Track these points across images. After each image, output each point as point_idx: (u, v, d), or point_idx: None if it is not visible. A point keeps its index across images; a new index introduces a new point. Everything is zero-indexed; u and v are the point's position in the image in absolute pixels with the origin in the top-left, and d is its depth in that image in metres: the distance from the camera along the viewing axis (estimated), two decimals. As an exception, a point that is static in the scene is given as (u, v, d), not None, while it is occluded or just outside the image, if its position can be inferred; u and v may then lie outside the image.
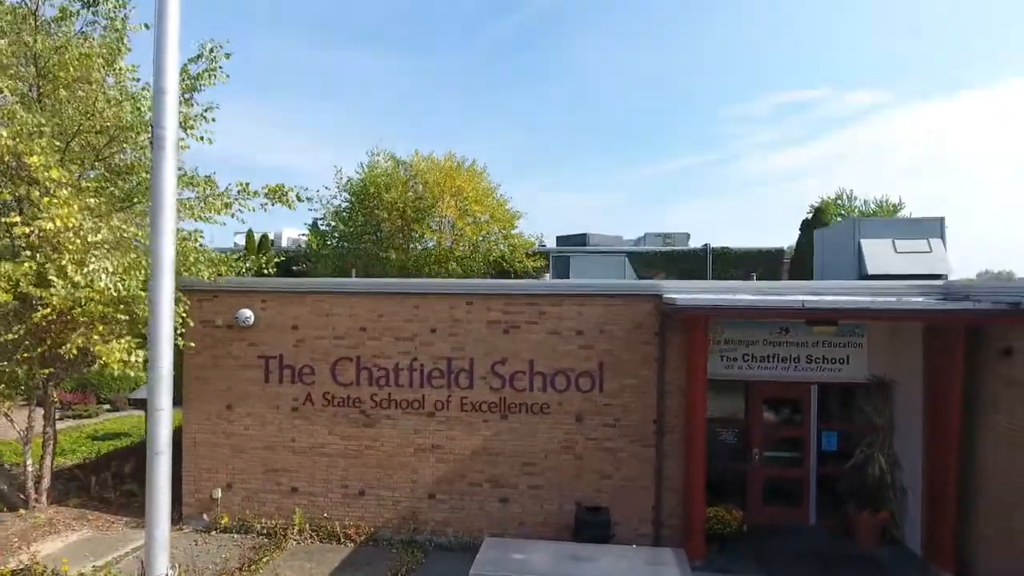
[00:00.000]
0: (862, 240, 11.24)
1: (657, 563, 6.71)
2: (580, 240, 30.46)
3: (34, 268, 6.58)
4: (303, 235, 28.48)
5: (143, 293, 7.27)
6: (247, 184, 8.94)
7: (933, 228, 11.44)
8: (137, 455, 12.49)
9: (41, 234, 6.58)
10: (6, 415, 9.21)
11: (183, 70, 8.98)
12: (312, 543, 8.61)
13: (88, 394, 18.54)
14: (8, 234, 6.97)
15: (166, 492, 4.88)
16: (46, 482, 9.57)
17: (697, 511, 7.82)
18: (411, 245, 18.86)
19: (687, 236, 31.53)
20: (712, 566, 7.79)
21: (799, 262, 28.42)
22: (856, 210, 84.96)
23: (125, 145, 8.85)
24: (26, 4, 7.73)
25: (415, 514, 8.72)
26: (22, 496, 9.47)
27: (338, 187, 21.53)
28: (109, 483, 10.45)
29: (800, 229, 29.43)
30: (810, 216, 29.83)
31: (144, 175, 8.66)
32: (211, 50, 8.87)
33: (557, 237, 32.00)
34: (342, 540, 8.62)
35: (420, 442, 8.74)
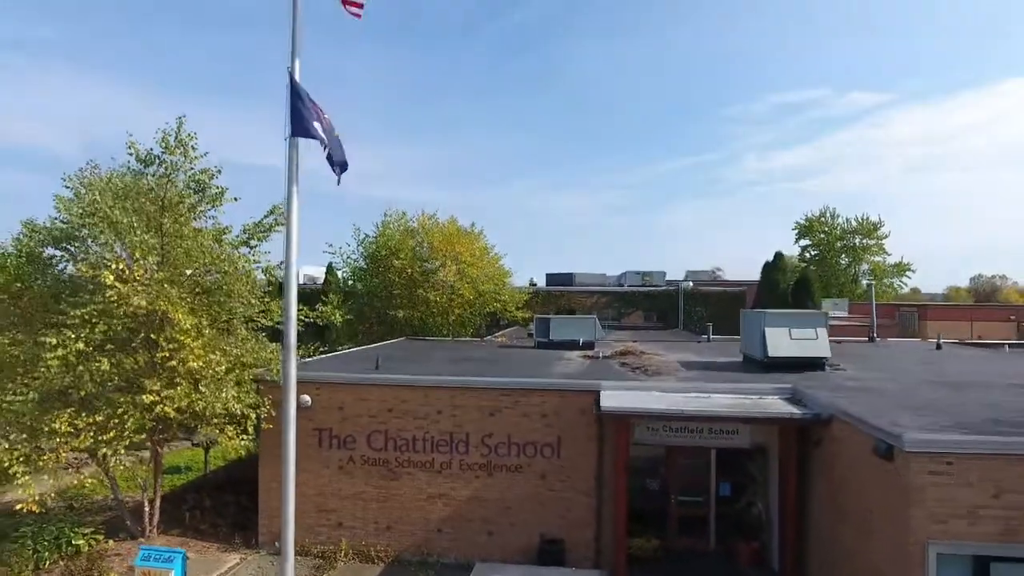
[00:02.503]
0: (766, 328, 14.69)
1: (589, 580, 10.26)
2: (567, 280, 34.05)
3: (186, 392, 10.08)
4: (319, 278, 32.02)
5: (250, 399, 10.86)
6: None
7: (818, 320, 14.85)
8: (207, 489, 16.00)
9: (185, 367, 10.09)
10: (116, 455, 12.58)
11: (259, 224, 12.51)
12: (355, 564, 12.12)
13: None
14: (155, 362, 10.45)
15: (291, 540, 8.34)
16: (156, 516, 13.07)
17: (622, 542, 11.31)
18: (416, 302, 22.36)
19: (663, 274, 35.07)
20: (633, 581, 11.28)
21: (760, 301, 31.97)
22: (838, 227, 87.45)
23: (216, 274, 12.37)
24: (158, 194, 11.21)
25: (427, 543, 12.23)
26: (139, 527, 12.96)
27: (357, 242, 25.14)
28: (198, 516, 13.97)
29: (761, 272, 33.08)
30: (770, 260, 33.44)
31: (226, 298, 12.10)
32: (282, 211, 12.36)
33: (547, 275, 35.69)
34: (375, 561, 12.13)
35: (431, 491, 12.25)
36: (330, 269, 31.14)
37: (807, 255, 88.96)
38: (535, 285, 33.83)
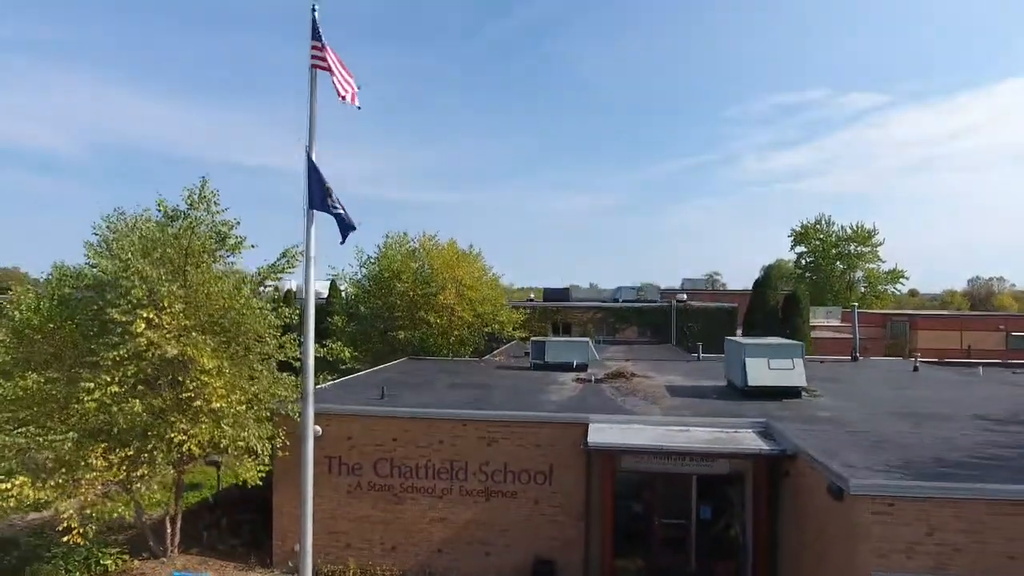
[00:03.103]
0: (746, 358, 15.71)
1: (577, 600, 11.25)
2: (564, 295, 35.10)
3: (209, 429, 11.08)
4: (323, 295, 33.03)
5: (266, 436, 11.88)
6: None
7: (795, 351, 15.84)
8: (222, 507, 16.99)
9: (209, 406, 11.09)
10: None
11: (272, 266, 13.51)
12: (362, 582, 13.11)
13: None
14: (179, 400, 11.46)
15: (310, 565, 9.30)
16: (177, 538, 14.05)
17: (609, 562, 12.32)
18: (418, 323, 23.40)
19: (657, 288, 36.11)
20: (618, 599, 12.28)
21: (751, 317, 32.96)
22: (833, 234, 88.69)
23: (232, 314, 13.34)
24: (182, 243, 12.19)
25: (429, 562, 13.23)
26: (161, 547, 13.93)
27: (359, 263, 26.22)
28: (215, 534, 14.96)
29: (752, 288, 34.01)
30: (760, 276, 34.36)
31: (244, 338, 13.08)
32: (293, 254, 13.36)
33: (544, 290, 36.71)
34: (381, 580, 13.12)
35: (432, 515, 13.25)
36: (334, 285, 32.17)
37: (803, 261, 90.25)
38: (532, 300, 34.87)
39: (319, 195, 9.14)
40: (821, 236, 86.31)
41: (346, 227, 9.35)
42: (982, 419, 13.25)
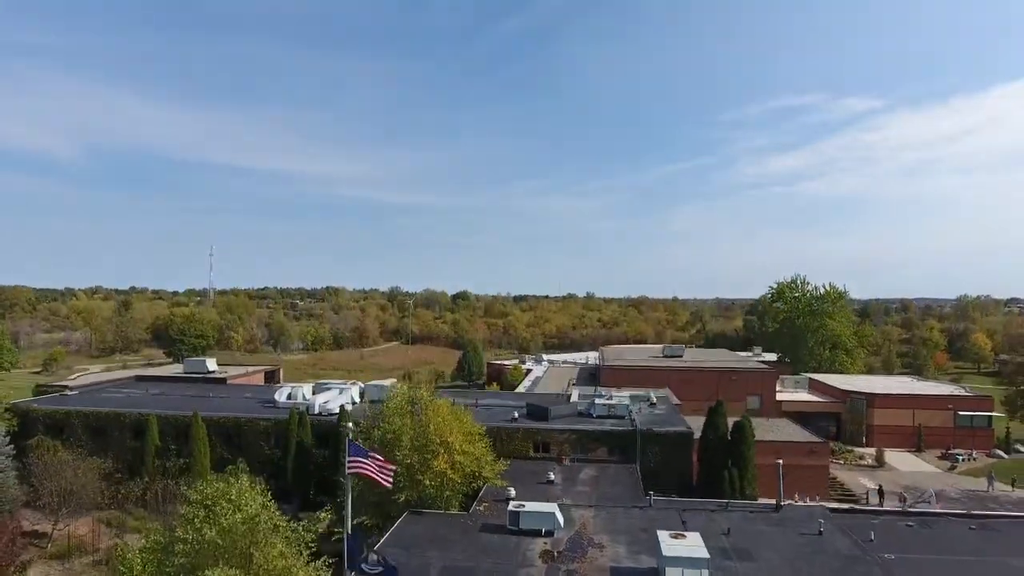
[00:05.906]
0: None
1: None
2: (543, 413, 40.23)
3: None
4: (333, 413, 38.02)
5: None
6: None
7: (702, 563, 20.83)
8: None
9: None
10: None
11: (308, 528, 18.42)
12: None
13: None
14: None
15: None
16: None
17: None
18: (416, 485, 28.40)
19: (627, 406, 41.15)
20: None
21: (705, 436, 37.99)
22: (808, 294, 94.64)
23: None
24: (246, 537, 17.09)
25: None
26: None
27: (364, 407, 31.25)
28: None
29: (707, 414, 38.91)
30: (712, 405, 39.25)
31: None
32: (325, 519, 18.31)
33: (527, 405, 41.91)
34: None
35: None
36: (343, 413, 37.00)
37: (780, 317, 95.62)
38: (516, 418, 39.92)
39: (355, 559, 14.08)
40: (796, 295, 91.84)
41: (388, 572, 14.26)
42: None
